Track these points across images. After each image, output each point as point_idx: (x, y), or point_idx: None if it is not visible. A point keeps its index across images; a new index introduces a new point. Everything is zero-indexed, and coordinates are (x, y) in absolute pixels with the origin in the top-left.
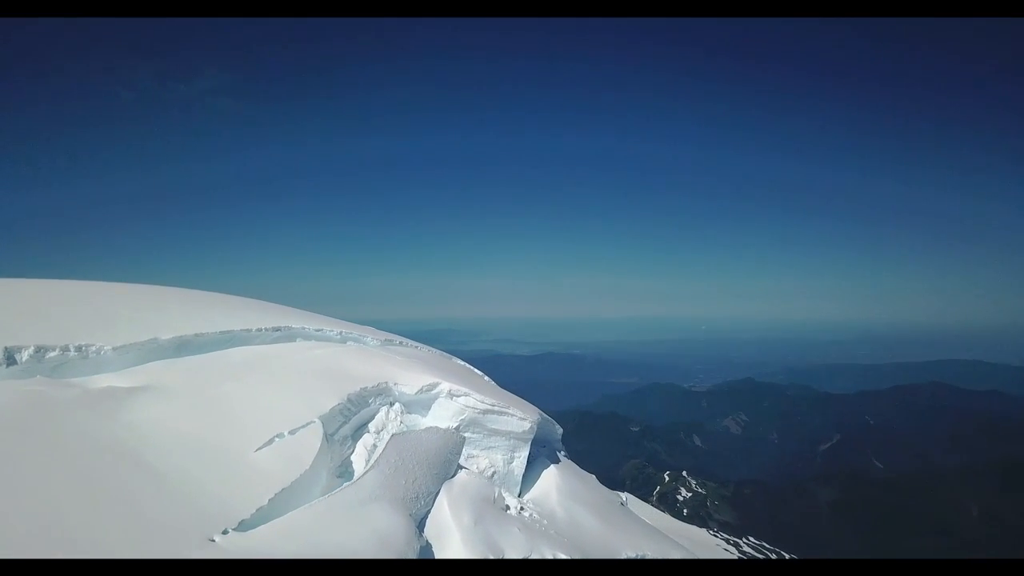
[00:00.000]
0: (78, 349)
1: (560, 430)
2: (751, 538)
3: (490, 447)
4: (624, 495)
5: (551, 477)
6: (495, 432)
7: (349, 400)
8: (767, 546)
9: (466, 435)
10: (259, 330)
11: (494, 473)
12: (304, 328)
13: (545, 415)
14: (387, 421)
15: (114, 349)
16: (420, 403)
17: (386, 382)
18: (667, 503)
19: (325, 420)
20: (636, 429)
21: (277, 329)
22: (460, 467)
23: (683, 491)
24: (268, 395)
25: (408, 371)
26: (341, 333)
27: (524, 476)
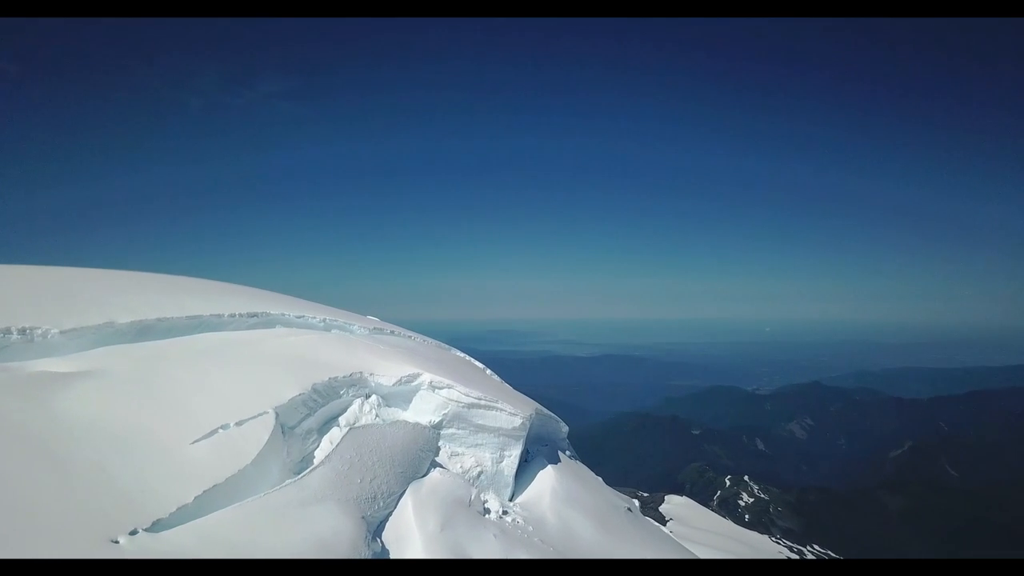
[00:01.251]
0: (21, 332)
1: (565, 428)
2: (816, 546)
3: (477, 444)
4: (636, 502)
5: (547, 479)
6: (482, 428)
7: (315, 391)
8: (832, 554)
9: (451, 431)
10: (232, 316)
11: (480, 473)
12: (284, 315)
13: (546, 411)
14: (360, 414)
15: (62, 332)
16: (400, 396)
17: (360, 372)
18: (728, 508)
19: (283, 411)
20: (697, 432)
21: (254, 315)
22: (436, 465)
23: (744, 496)
24: (222, 384)
25: (387, 360)
26: (325, 320)
27: (517, 477)
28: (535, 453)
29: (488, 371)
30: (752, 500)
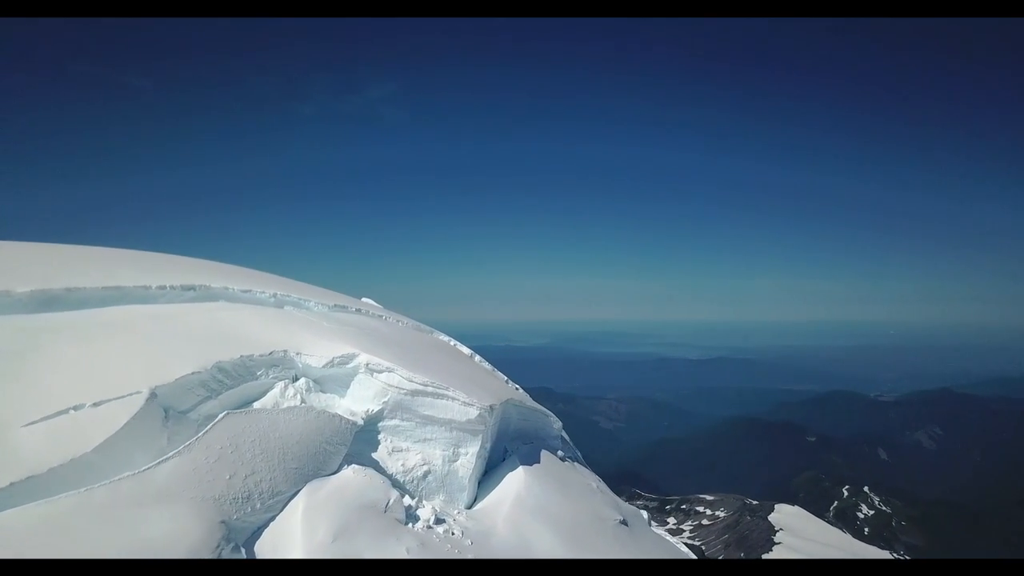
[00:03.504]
0: None
1: (558, 424)
2: None
3: (425, 439)
4: (645, 513)
5: (514, 483)
6: (430, 420)
7: (220, 370)
8: None
9: (394, 422)
10: (162, 288)
11: (427, 473)
12: (228, 288)
13: (529, 404)
14: (283, 400)
15: None
16: (335, 380)
17: (285, 351)
18: (845, 520)
19: (169, 392)
20: (812, 439)
21: (190, 288)
22: (352, 462)
23: (864, 508)
24: (105, 360)
25: (323, 339)
26: (276, 295)
27: (485, 479)
28: (512, 451)
29: (477, 358)
30: (872, 512)
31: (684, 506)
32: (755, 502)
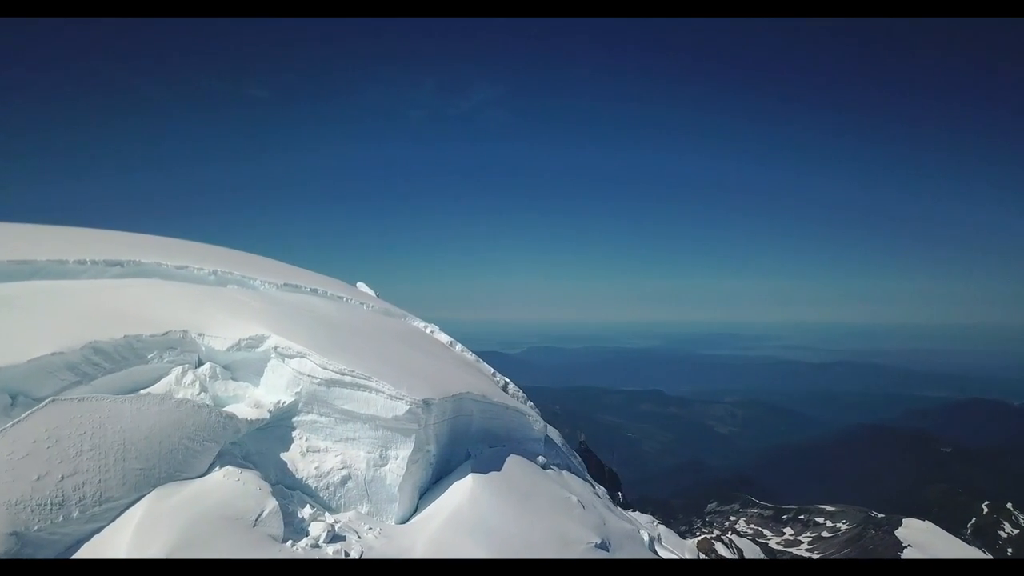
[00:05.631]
0: None
1: (539, 424)
2: None
3: (347, 439)
4: (646, 534)
5: (458, 495)
6: (351, 416)
7: (96, 351)
8: None
9: (310, 417)
10: (81, 262)
11: (347, 479)
12: (161, 265)
13: (496, 400)
14: (176, 388)
15: None
16: (247, 366)
17: (184, 331)
18: (984, 538)
19: (19, 376)
20: (947, 450)
21: (116, 263)
22: (228, 463)
23: (1007, 526)
24: None
25: (238, 319)
26: (217, 272)
27: (434, 487)
28: (477, 453)
29: (459, 347)
30: (1017, 532)
31: (802, 516)
32: (880, 515)
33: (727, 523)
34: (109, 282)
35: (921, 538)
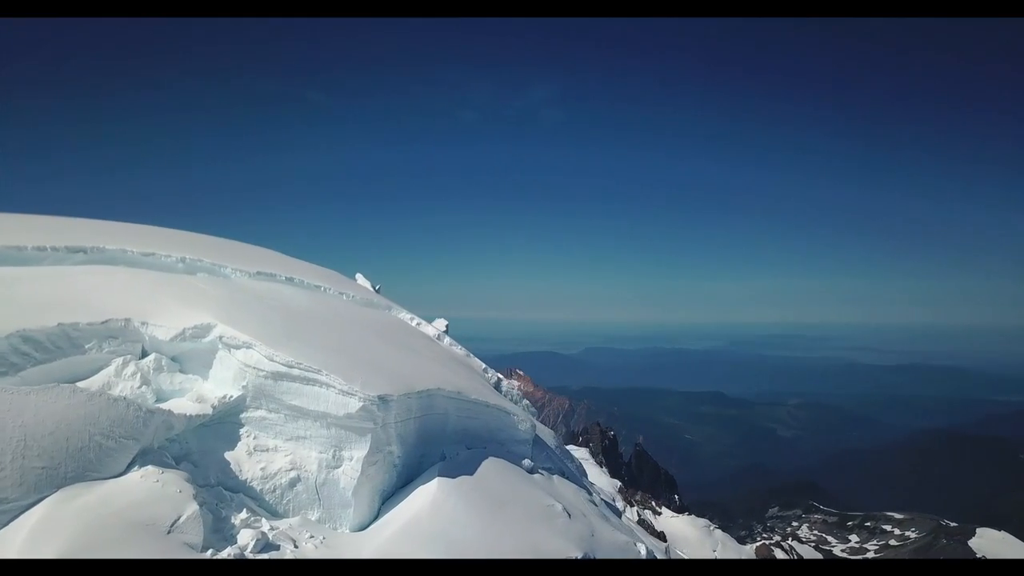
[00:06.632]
0: None
1: (527, 424)
2: None
3: (297, 438)
4: (644, 548)
5: (419, 500)
6: (302, 412)
7: (24, 340)
8: None
9: (259, 413)
10: (41, 249)
11: (296, 481)
12: (126, 251)
13: (475, 396)
14: (116, 380)
15: None
16: (195, 358)
17: (126, 319)
18: None
19: None
20: None
21: (79, 249)
22: (148, 462)
23: None
24: None
25: (187, 308)
26: (185, 260)
27: (401, 491)
28: (451, 454)
29: (446, 339)
30: None
31: (868, 523)
32: (953, 524)
33: (789, 529)
34: (64, 269)
35: (997, 549)
